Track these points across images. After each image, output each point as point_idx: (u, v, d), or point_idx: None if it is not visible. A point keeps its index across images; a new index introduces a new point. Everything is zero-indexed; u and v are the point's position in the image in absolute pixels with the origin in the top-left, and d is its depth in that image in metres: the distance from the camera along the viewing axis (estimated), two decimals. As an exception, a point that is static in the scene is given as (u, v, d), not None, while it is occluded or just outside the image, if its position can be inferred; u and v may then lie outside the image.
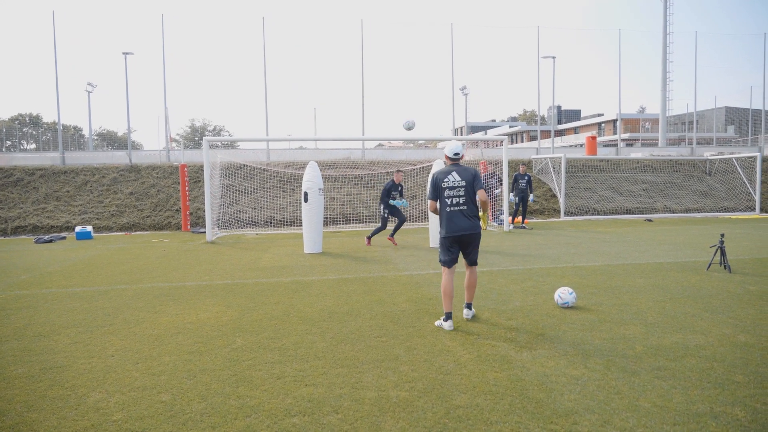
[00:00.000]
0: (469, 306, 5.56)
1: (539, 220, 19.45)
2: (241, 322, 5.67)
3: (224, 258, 10.82)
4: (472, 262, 5.48)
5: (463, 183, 5.31)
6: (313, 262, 9.92)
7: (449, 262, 5.34)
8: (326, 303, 6.49)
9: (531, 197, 16.76)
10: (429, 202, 5.49)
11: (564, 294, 6.02)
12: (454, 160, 5.49)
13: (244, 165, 19.81)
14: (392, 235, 12.61)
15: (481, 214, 5.58)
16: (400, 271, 8.68)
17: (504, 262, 9.36)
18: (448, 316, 5.20)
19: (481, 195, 5.35)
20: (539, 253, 10.60)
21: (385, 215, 12.32)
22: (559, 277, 7.94)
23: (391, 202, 12.06)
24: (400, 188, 12.28)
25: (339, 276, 8.39)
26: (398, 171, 12.41)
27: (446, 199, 5.31)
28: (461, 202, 5.30)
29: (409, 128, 11.19)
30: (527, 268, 8.82)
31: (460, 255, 5.48)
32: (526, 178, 16.45)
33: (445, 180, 5.33)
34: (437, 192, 5.38)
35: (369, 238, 12.62)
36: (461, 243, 5.36)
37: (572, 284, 7.24)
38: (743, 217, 20.75)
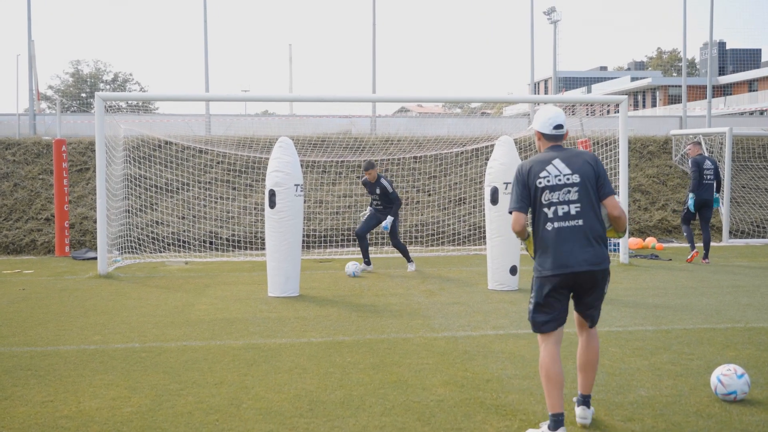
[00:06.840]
0: (585, 400, 3.93)
1: (679, 245, 14.54)
2: (154, 419, 4.26)
3: (129, 304, 8.36)
4: (592, 321, 3.94)
5: (577, 179, 3.81)
6: (283, 313, 7.72)
7: (552, 324, 3.80)
8: (305, 385, 4.96)
9: (717, 198, 11.64)
10: (514, 215, 3.95)
11: (729, 377, 4.69)
12: (554, 140, 4.00)
13: (166, 142, 15.20)
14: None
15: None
16: (434, 331, 6.60)
17: (621, 318, 7.40)
18: (557, 421, 3.65)
19: (611, 204, 3.90)
20: (683, 302, 8.40)
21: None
22: (720, 346, 6.15)
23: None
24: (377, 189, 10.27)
25: (328, 337, 6.46)
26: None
27: (545, 209, 3.81)
28: (575, 212, 3.84)
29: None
30: (661, 328, 6.93)
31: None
32: (712, 165, 11.37)
33: (542, 175, 3.85)
34: (529, 197, 3.90)
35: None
36: (575, 287, 3.85)
37: (744, 360, 5.55)
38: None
